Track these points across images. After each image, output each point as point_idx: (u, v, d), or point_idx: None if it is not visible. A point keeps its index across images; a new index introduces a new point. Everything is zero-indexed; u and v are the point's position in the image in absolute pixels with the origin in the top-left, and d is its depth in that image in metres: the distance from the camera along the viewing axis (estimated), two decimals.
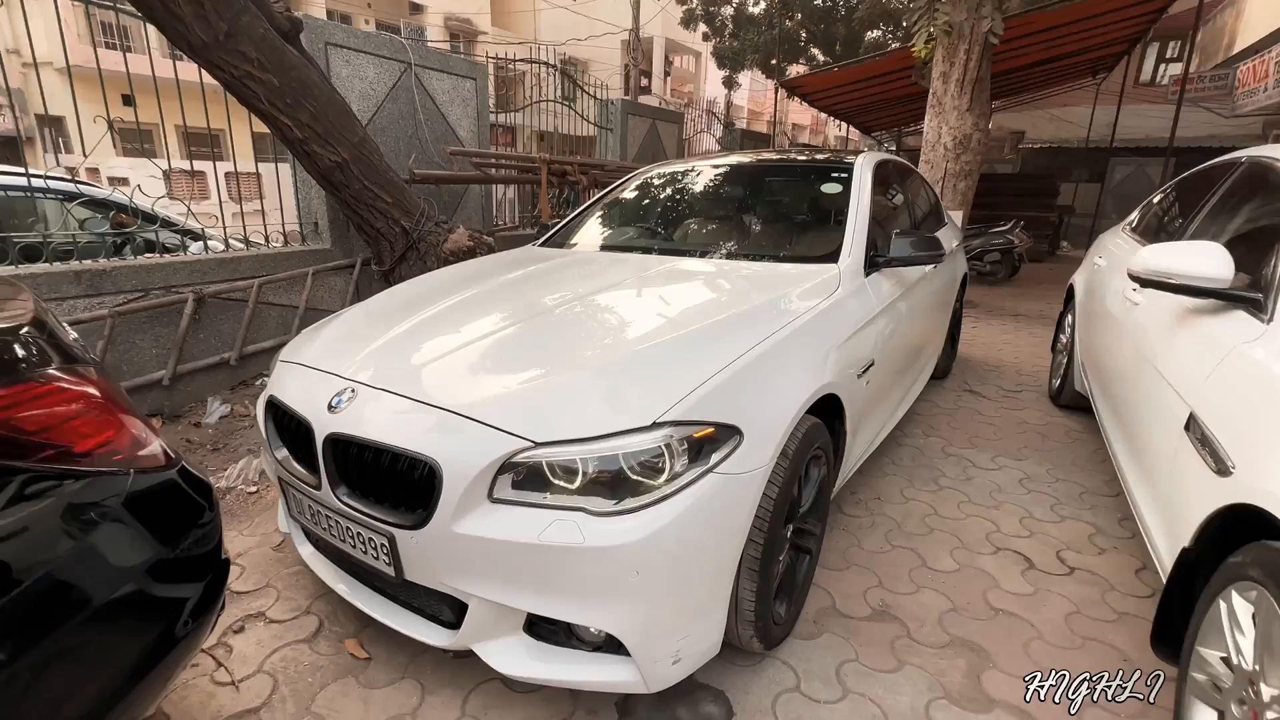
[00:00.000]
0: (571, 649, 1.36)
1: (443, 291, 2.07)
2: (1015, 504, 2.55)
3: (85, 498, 0.98)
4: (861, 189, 2.48)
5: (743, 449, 1.35)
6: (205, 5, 2.25)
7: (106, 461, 1.01)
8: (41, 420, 0.92)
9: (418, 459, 1.31)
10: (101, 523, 1.00)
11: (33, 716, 0.89)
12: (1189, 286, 1.72)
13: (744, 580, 1.43)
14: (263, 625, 1.79)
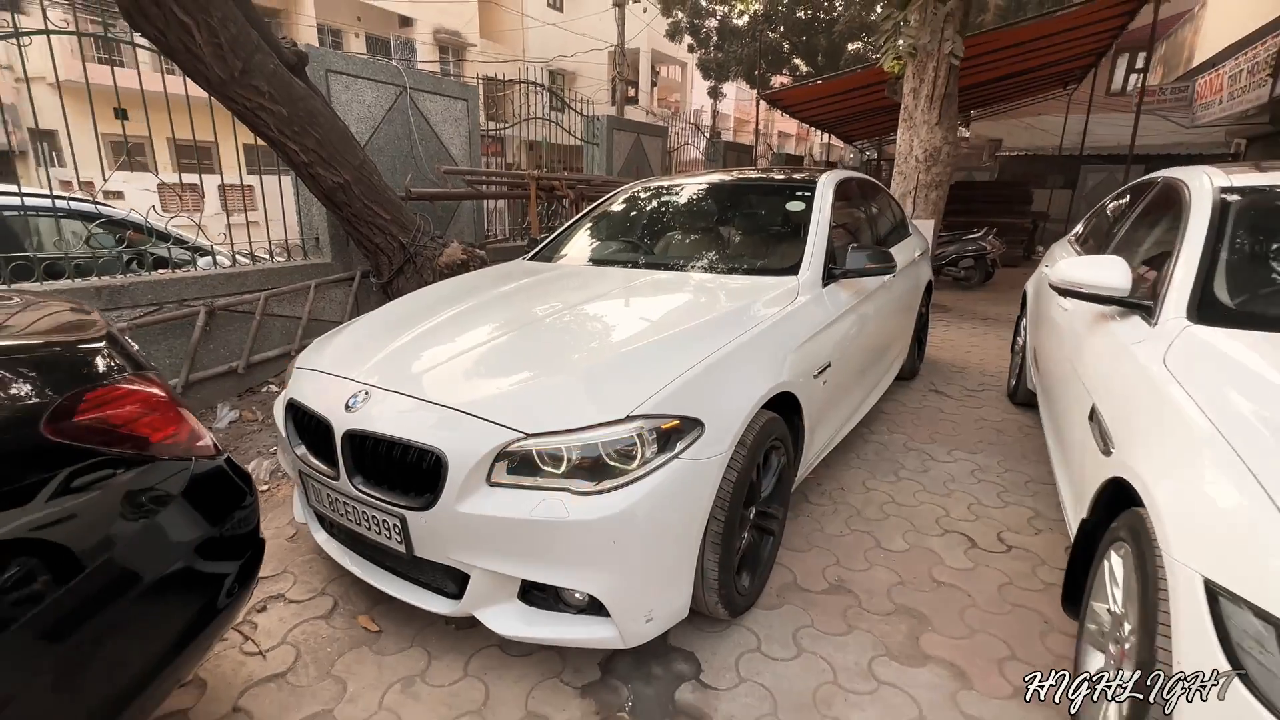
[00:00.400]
0: (559, 612, 1.58)
1: (442, 304, 2.29)
2: (966, 492, 2.80)
3: (157, 479, 1.19)
4: (822, 207, 2.73)
5: (704, 438, 1.58)
6: (223, 46, 2.47)
7: (173, 451, 1.22)
8: (124, 415, 1.13)
9: (426, 450, 1.53)
10: (171, 502, 1.21)
11: (111, 668, 1.09)
12: (1095, 295, 1.98)
13: (708, 552, 1.66)
14: (283, 605, 1.99)
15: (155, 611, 1.21)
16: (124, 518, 1.13)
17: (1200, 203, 2.01)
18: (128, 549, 1.13)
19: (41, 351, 1.10)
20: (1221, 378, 1.42)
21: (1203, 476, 1.18)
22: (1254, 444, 1.15)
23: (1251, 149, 9.97)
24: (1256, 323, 1.62)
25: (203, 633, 1.30)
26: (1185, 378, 1.44)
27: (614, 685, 1.68)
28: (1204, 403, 1.32)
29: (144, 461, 1.17)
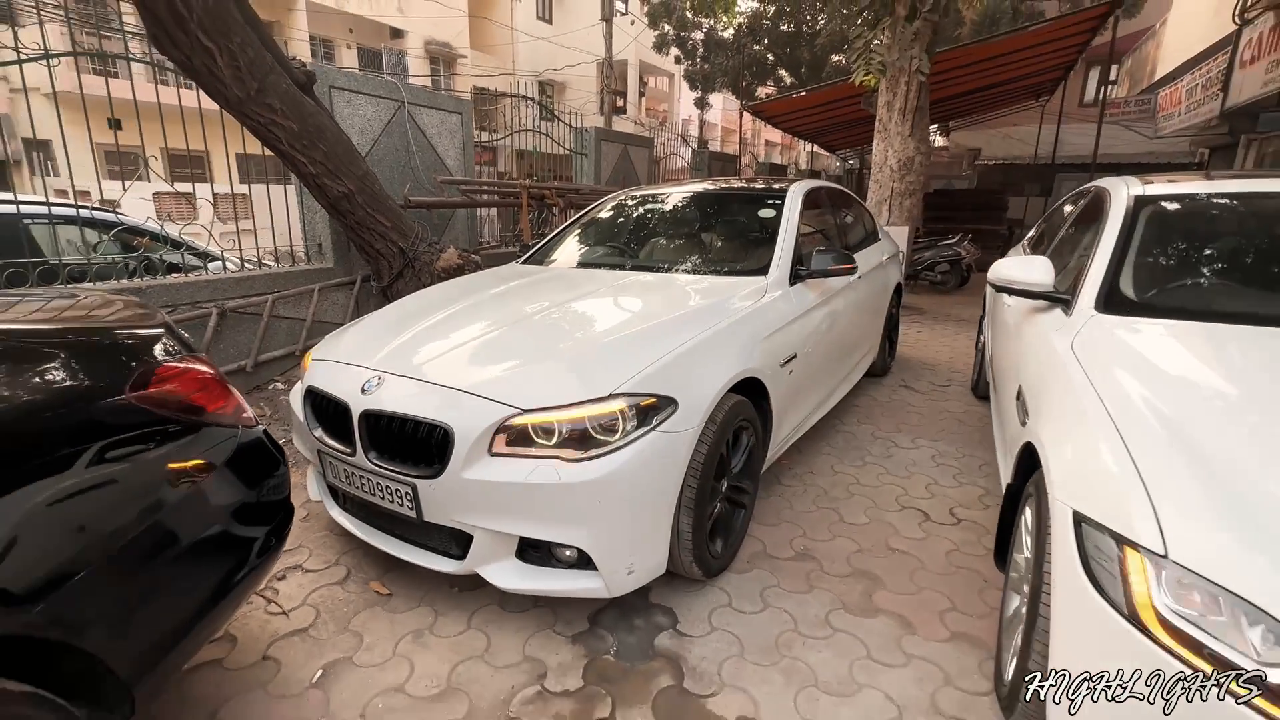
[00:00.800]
0: (551, 567, 1.81)
1: (444, 302, 2.52)
2: (925, 474, 3.05)
3: (211, 443, 1.41)
4: (790, 214, 2.99)
5: (677, 414, 1.82)
6: (241, 68, 2.68)
7: (222, 420, 1.44)
8: (186, 387, 1.35)
9: (435, 425, 1.76)
10: (220, 463, 1.42)
11: (174, 599, 1.29)
12: (1024, 290, 2.24)
13: (683, 516, 1.89)
14: (301, 574, 2.20)
15: (206, 559, 1.42)
16: (183, 475, 1.35)
17: (1116, 209, 2.29)
18: (184, 501, 1.34)
19: (122, 333, 1.32)
20: (1111, 356, 1.68)
21: (1082, 434, 1.43)
22: (1123, 407, 1.41)
23: (1214, 158, 10.41)
24: (1152, 312, 1.89)
25: (244, 581, 1.50)
26: (1084, 358, 1.70)
27: (601, 634, 1.90)
28: (1093, 377, 1.58)
29: (201, 426, 1.38)
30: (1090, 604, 1.14)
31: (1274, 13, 5.80)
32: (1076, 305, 2.02)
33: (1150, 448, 1.26)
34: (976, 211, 11.75)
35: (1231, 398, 1.45)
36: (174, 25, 2.41)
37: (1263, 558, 1.00)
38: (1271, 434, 1.27)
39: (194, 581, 1.39)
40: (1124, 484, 1.20)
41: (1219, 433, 1.28)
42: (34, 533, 1.04)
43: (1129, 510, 1.15)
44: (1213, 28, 7.30)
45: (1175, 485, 1.16)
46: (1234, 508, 1.09)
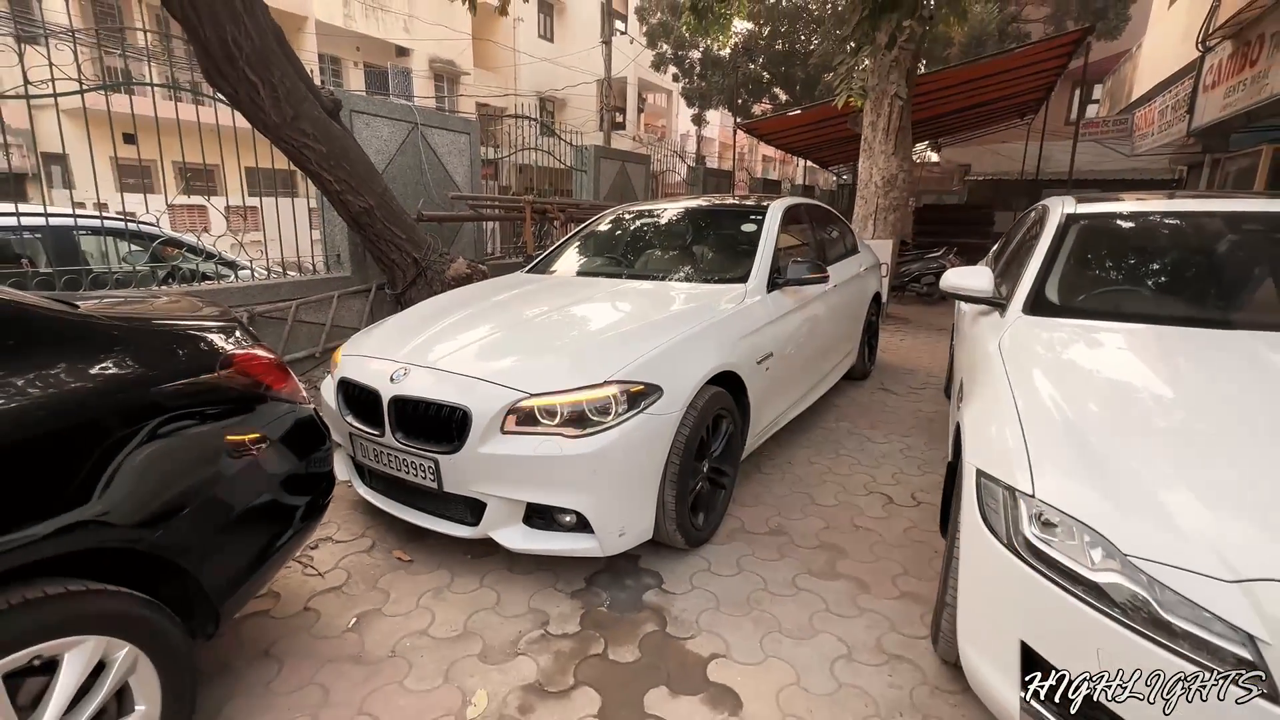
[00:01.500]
0: (553, 531, 2.10)
1: (458, 306, 2.84)
2: (893, 465, 3.35)
3: (272, 414, 1.71)
4: (770, 229, 3.31)
5: (663, 400, 2.13)
6: (280, 98, 3.02)
7: (285, 397, 1.74)
8: (260, 369, 1.66)
9: (456, 407, 2.06)
10: (282, 432, 1.72)
11: (238, 547, 1.58)
12: (967, 295, 2.56)
13: (667, 488, 2.19)
14: (332, 544, 2.49)
15: (270, 510, 1.71)
16: (255, 440, 1.65)
17: (1051, 225, 2.62)
18: (255, 462, 1.64)
19: (211, 325, 1.63)
20: (1026, 351, 1.99)
21: (993, 414, 1.74)
22: (1027, 392, 1.72)
23: (1191, 175, 10.81)
24: (1071, 314, 2.21)
25: (298, 533, 1.79)
26: (1006, 353, 2.01)
27: (596, 591, 2.19)
28: (1009, 368, 1.89)
29: (268, 399, 1.69)
30: (982, 538, 1.44)
31: (1231, 41, 6.19)
32: (1009, 309, 2.33)
33: (1039, 423, 1.56)
34: (964, 226, 12.14)
35: (1116, 383, 1.76)
36: (225, 62, 2.74)
37: (1101, 497, 1.31)
38: (1136, 413, 1.58)
39: (261, 528, 1.69)
40: (1014, 449, 1.50)
41: (1096, 412, 1.58)
42: (152, 476, 1.34)
43: (1013, 466, 1.45)
44: (1181, 53, 7.70)
45: (1050, 450, 1.46)
46: (1091, 466, 1.39)
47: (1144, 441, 1.45)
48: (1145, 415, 1.58)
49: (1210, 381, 1.74)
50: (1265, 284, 2.27)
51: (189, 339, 1.55)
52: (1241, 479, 1.29)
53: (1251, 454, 1.36)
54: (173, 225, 5.66)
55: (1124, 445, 1.43)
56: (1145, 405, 1.64)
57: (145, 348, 1.43)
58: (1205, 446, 1.42)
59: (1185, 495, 1.27)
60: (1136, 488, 1.31)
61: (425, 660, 1.86)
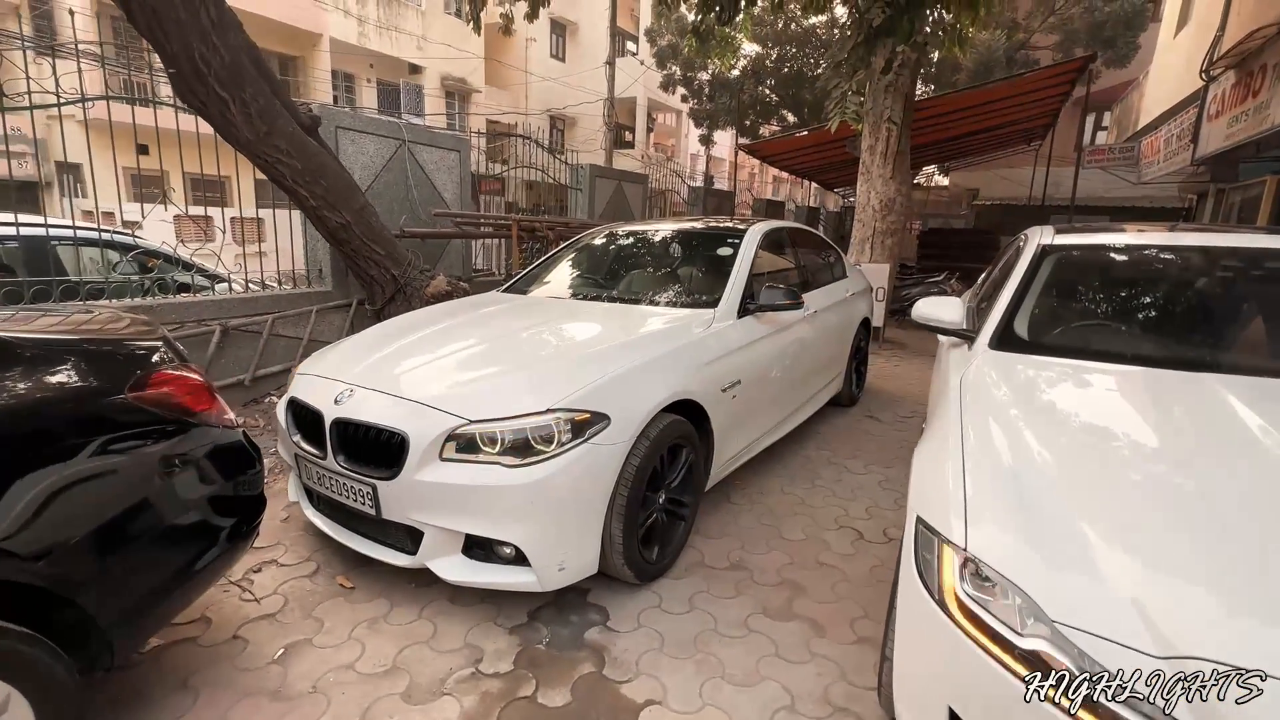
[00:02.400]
0: (492, 563, 2.03)
1: (418, 326, 2.79)
2: (869, 498, 3.24)
3: (194, 440, 1.66)
4: (745, 253, 3.25)
5: (610, 429, 2.05)
6: (252, 114, 3.03)
7: (208, 420, 1.69)
8: (180, 390, 1.61)
9: (394, 432, 2.00)
10: (202, 457, 1.67)
11: (138, 578, 1.52)
12: (937, 327, 2.48)
13: (614, 521, 2.11)
14: (275, 567, 2.42)
15: (182, 538, 1.65)
16: (169, 465, 1.60)
17: (1026, 255, 2.54)
18: (167, 488, 1.59)
19: (127, 341, 1.59)
20: (984, 389, 1.90)
21: (940, 457, 1.65)
22: (976, 434, 1.63)
23: (1201, 204, 10.67)
24: (1037, 350, 2.12)
25: (216, 560, 1.74)
26: (965, 390, 1.93)
27: (537, 627, 2.11)
28: (965, 406, 1.80)
29: (189, 426, 1.64)
30: (916, 591, 1.35)
31: (1235, 71, 6.11)
32: (976, 342, 2.25)
33: (983, 469, 1.47)
34: (969, 250, 12.03)
35: (1074, 428, 1.67)
36: (194, 79, 2.76)
37: (1037, 554, 1.22)
38: (1091, 463, 1.49)
39: (169, 557, 1.62)
40: (953, 495, 1.42)
41: (1047, 460, 1.49)
42: (42, 503, 1.28)
43: (949, 514, 1.37)
44: (1185, 82, 7.64)
45: (990, 499, 1.37)
46: (1030, 519, 1.30)
47: (1094, 495, 1.36)
48: (1101, 466, 1.49)
49: (1176, 432, 1.64)
50: (1246, 325, 2.18)
51: (97, 358, 1.51)
52: (1195, 543, 1.20)
53: (1210, 516, 1.26)
54: (178, 236, 5.69)
55: (1070, 498, 1.34)
56: (1103, 454, 1.54)
57: (43, 367, 1.39)
58: (1161, 504, 1.32)
59: (1128, 559, 1.17)
60: (1076, 547, 1.22)
61: (346, 698, 1.78)
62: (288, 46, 16.45)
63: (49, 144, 11.44)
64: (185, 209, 4.27)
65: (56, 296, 3.20)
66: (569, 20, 23.71)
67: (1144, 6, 13.63)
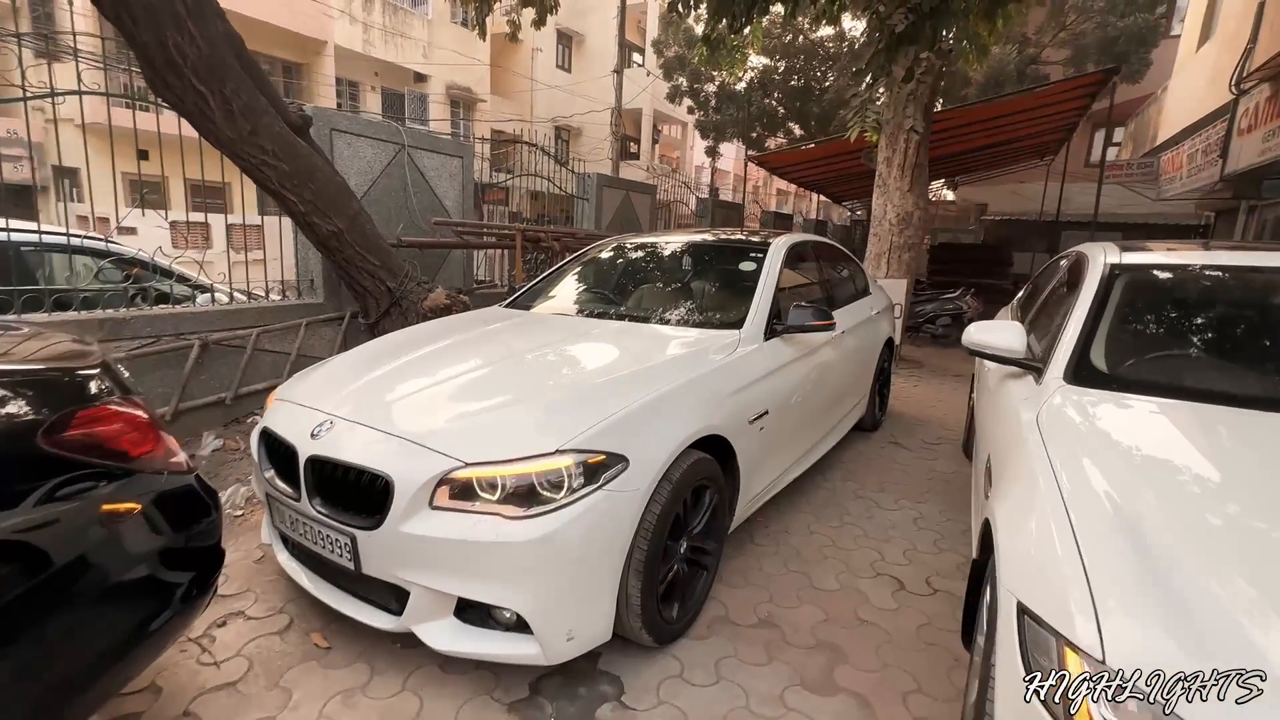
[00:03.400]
0: (489, 629, 1.73)
1: (412, 345, 2.51)
2: (904, 538, 2.94)
3: (134, 489, 1.38)
4: (771, 268, 2.98)
5: (629, 473, 1.77)
6: (234, 111, 2.78)
7: (149, 466, 1.41)
8: (110, 432, 1.33)
9: (377, 475, 1.72)
10: (140, 509, 1.39)
11: (78, 649, 1.25)
12: (995, 355, 2.20)
13: (631, 579, 1.82)
14: (242, 621, 2.13)
15: (118, 608, 1.37)
16: (101, 521, 1.32)
17: (1092, 276, 2.26)
18: (100, 548, 1.30)
19: (43, 374, 1.31)
20: (1074, 433, 1.61)
21: (1034, 517, 1.36)
22: (1079, 491, 1.34)
23: (1220, 221, 10.43)
24: (1123, 386, 1.83)
25: (164, 627, 1.45)
26: (1047, 433, 1.64)
27: (540, 703, 1.80)
28: (1053, 454, 1.51)
29: (125, 474, 1.35)
30: (1030, 712, 1.06)
31: (1269, 84, 5.88)
32: (1046, 375, 1.96)
33: (1100, 540, 1.19)
34: (981, 265, 11.79)
35: (1198, 487, 1.38)
36: (168, 70, 2.50)
37: (1199, 658, 0.93)
38: (1232, 531, 1.20)
39: (107, 627, 1.34)
40: (1070, 578, 1.13)
41: (1177, 527, 1.21)
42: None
43: (1070, 605, 1.08)
44: (1210, 96, 7.41)
45: (1121, 584, 1.09)
46: (1180, 613, 1.01)
47: (1247, 570, 1.07)
48: (1243, 532, 1.20)
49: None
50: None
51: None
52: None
53: None
54: (174, 242, 5.43)
55: (1217, 583, 1.06)
56: (1239, 516, 1.25)
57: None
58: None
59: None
60: (1240, 642, 0.93)
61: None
62: (292, 53, 16.35)
63: (44, 148, 11.24)
64: (186, 215, 4.01)
65: (18, 308, 2.93)
66: (575, 31, 23.67)
67: (1157, 22, 13.48)
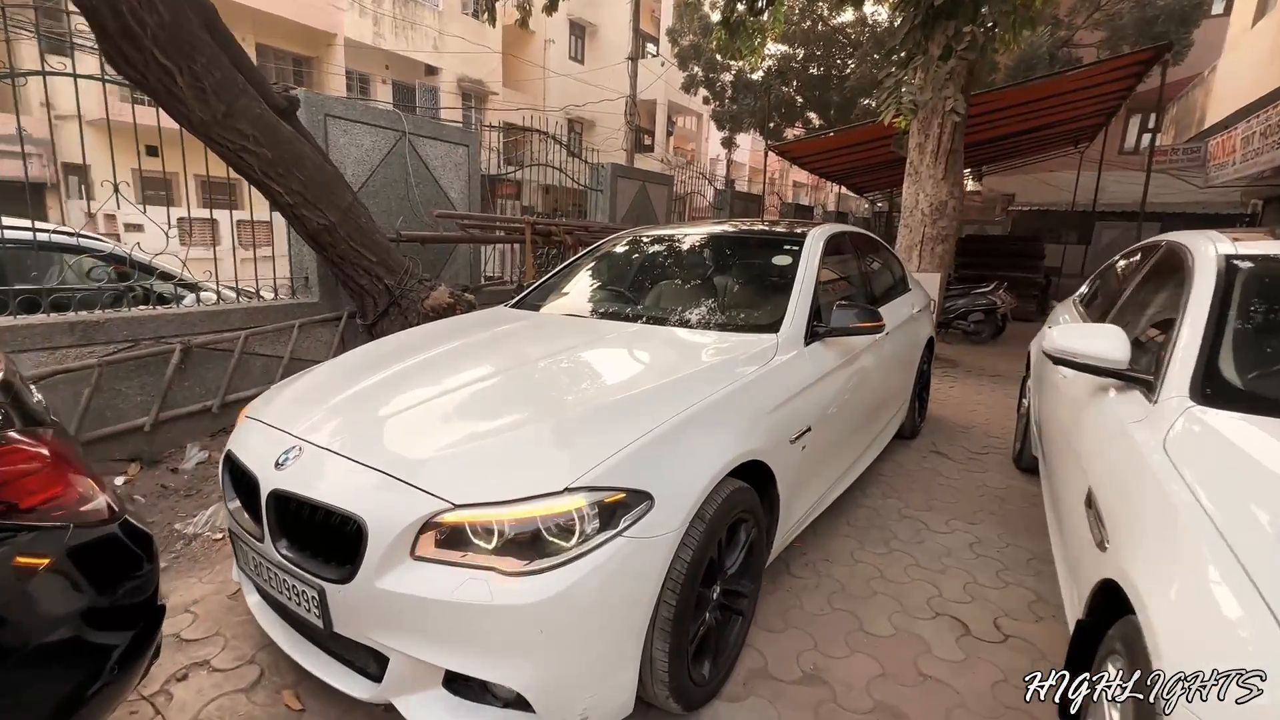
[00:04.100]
0: (486, 705, 1.42)
1: (403, 353, 2.20)
2: (962, 568, 2.59)
3: (29, 548, 1.08)
4: (809, 262, 2.64)
5: (653, 514, 1.45)
6: (206, 90, 2.49)
7: (49, 516, 1.11)
8: (7, 474, 1.04)
9: (348, 516, 1.41)
10: (41, 571, 1.10)
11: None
12: (1091, 366, 1.84)
13: (657, 640, 1.50)
14: (206, 673, 1.84)
15: (32, 684, 1.09)
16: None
17: (1204, 271, 1.88)
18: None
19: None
20: (1231, 473, 1.26)
21: (1205, 592, 1.02)
22: (1266, 558, 1.00)
23: (1269, 210, 9.84)
24: (1268, 406, 1.47)
25: (87, 706, 1.17)
26: (1188, 470, 1.29)
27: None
28: (1210, 505, 1.16)
29: (13, 529, 1.06)
30: None
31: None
32: (1162, 390, 1.60)
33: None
34: (1011, 258, 11.25)
35: None
36: (125, 40, 2.21)
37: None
38: None
39: (24, 704, 1.06)
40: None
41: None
42: None
43: None
44: (1270, 74, 6.88)
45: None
46: None
47: None
48: None
49: None
50: None
51: None
52: None
53: None
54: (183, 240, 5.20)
55: None
56: None
57: None
58: None
59: None
60: None
61: None
62: (303, 47, 16.17)
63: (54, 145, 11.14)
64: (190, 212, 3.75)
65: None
66: (588, 22, 23.28)
67: (1200, 1, 12.80)
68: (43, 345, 2.80)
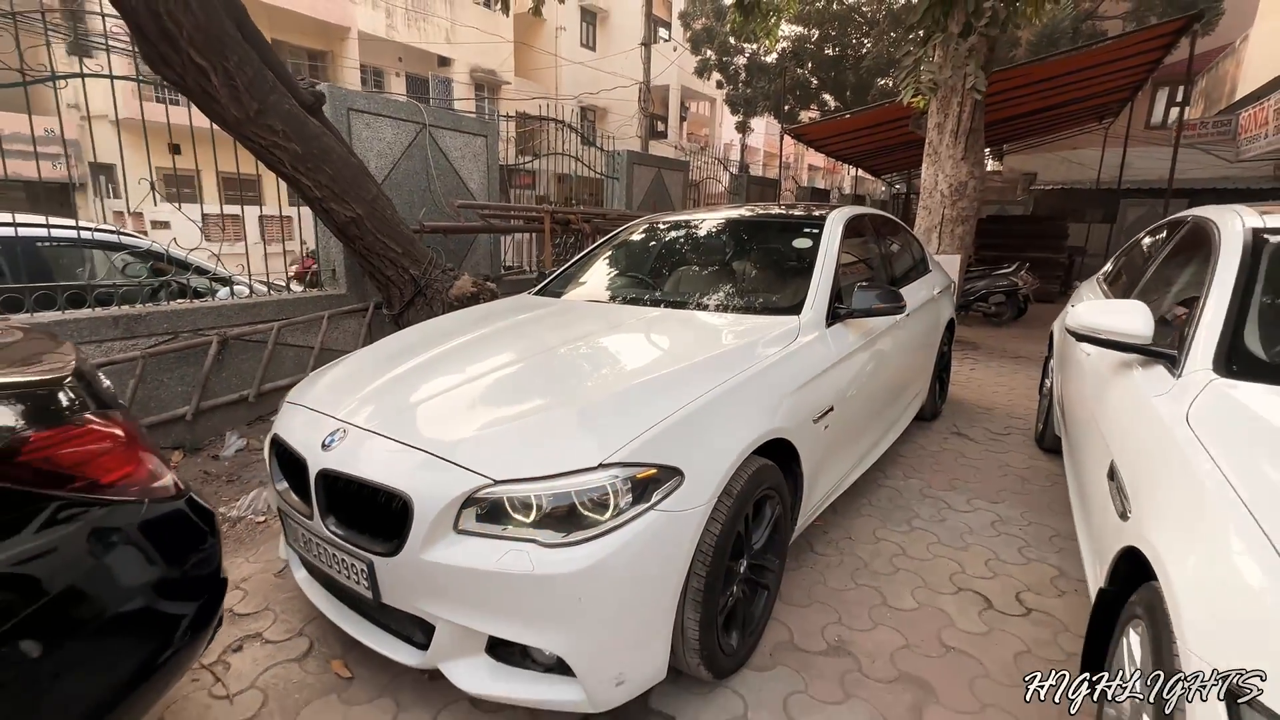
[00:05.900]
0: (526, 669, 1.50)
1: (435, 339, 2.28)
2: (984, 545, 2.62)
3: (108, 522, 1.17)
4: (829, 245, 2.66)
5: (684, 489, 1.50)
6: (239, 88, 2.56)
7: (126, 491, 1.20)
8: (75, 457, 1.12)
9: (394, 493, 1.49)
10: (119, 543, 1.18)
11: (49, 709, 1.06)
12: (1114, 342, 1.85)
13: (688, 610, 1.56)
14: (259, 645, 1.95)
15: (109, 650, 1.18)
16: (70, 558, 1.11)
17: (1230, 244, 1.88)
18: (73, 589, 1.10)
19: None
20: (1254, 444, 1.28)
21: (1228, 561, 1.05)
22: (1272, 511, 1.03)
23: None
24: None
25: (159, 671, 1.26)
26: (1211, 440, 1.31)
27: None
28: (1232, 473, 1.19)
29: (94, 503, 1.14)
30: None
31: None
32: (1186, 363, 1.62)
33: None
34: (1033, 239, 11.08)
35: None
36: (163, 43, 2.29)
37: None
38: None
39: (88, 683, 1.14)
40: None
41: None
42: None
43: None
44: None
45: None
46: None
47: None
48: None
49: None
50: None
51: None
52: None
53: None
54: (207, 236, 5.35)
55: None
56: None
57: None
58: None
59: None
60: None
61: None
62: (317, 41, 16.30)
63: (81, 145, 11.40)
64: (221, 207, 3.87)
65: (30, 306, 2.80)
66: (599, 7, 23.11)
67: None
68: (89, 339, 2.92)
